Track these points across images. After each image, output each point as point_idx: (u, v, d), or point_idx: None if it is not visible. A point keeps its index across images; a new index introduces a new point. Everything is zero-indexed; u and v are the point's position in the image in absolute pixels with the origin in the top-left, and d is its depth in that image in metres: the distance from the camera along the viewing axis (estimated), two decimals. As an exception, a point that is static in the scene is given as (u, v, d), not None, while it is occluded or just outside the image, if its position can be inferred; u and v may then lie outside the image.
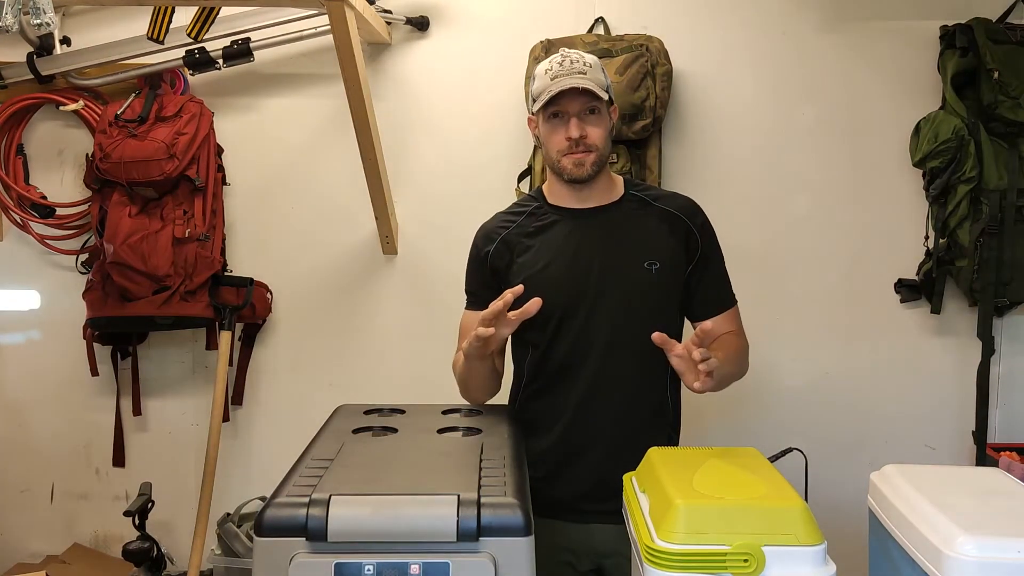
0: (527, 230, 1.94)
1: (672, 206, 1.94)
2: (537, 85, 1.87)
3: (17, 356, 3.07)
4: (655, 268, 1.87)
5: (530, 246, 1.92)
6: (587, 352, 1.87)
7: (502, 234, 1.96)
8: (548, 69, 1.85)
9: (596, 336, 1.87)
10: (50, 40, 2.83)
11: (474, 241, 2.02)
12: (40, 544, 3.05)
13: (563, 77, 1.82)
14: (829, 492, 2.31)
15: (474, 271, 2.02)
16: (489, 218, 2.04)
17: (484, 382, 1.93)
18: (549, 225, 1.93)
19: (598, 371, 1.87)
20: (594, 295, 1.86)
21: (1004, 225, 2.61)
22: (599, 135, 1.86)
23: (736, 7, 2.81)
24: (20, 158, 2.96)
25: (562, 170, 1.88)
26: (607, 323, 1.86)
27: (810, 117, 2.81)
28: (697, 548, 1.16)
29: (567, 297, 1.86)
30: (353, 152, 2.68)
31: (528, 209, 1.98)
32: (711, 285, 1.95)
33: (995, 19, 2.69)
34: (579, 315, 1.87)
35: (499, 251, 1.94)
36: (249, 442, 3.02)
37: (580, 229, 1.91)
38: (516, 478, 1.31)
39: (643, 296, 1.87)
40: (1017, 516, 1.24)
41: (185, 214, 2.79)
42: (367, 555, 1.15)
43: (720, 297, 1.96)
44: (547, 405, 1.92)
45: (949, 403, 2.81)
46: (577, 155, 1.85)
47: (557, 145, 1.86)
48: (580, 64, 1.84)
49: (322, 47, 2.83)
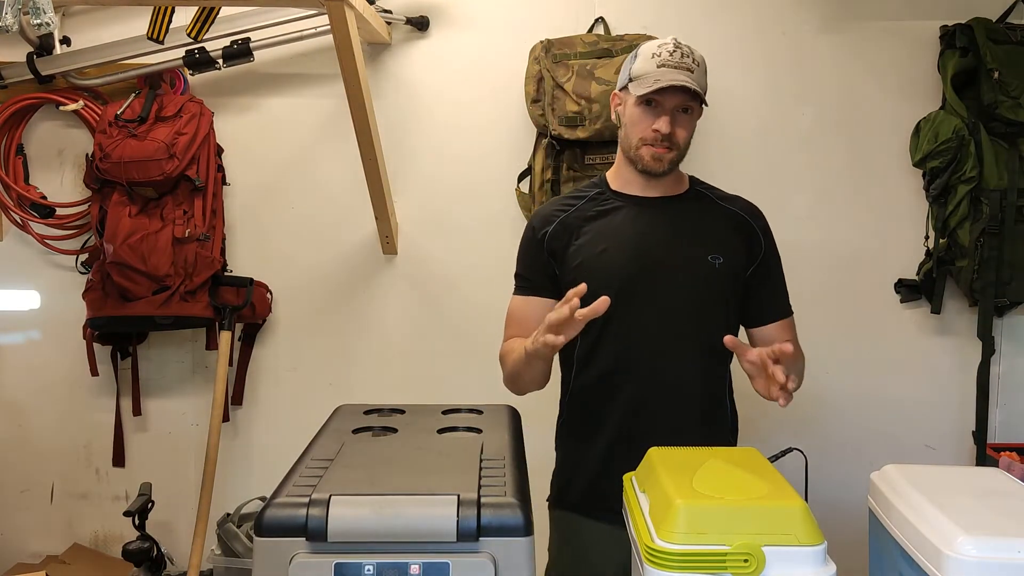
0: (587, 214, 1.88)
1: (736, 207, 1.91)
2: (640, 66, 1.78)
3: (17, 356, 3.07)
4: (718, 262, 1.81)
5: (589, 230, 1.86)
6: (639, 344, 1.81)
7: (560, 216, 1.89)
8: (657, 54, 1.77)
9: (651, 326, 1.80)
10: (50, 40, 2.83)
11: (529, 223, 1.95)
12: (40, 544, 3.05)
13: (671, 69, 1.74)
14: (829, 492, 2.31)
15: (528, 253, 1.93)
16: (544, 204, 1.98)
17: (538, 376, 1.84)
18: (611, 211, 1.87)
19: (651, 366, 1.81)
20: (652, 282, 1.80)
21: (1004, 225, 2.61)
22: (685, 136, 1.81)
23: (736, 7, 2.81)
24: (20, 158, 2.96)
25: (638, 159, 1.82)
26: (665, 312, 1.80)
27: (810, 117, 2.81)
28: (697, 548, 1.16)
29: (623, 281, 1.79)
30: (353, 152, 2.68)
31: (589, 194, 1.91)
32: (771, 291, 1.90)
33: (995, 19, 2.69)
34: (635, 302, 1.79)
35: (556, 233, 1.87)
36: (249, 442, 3.02)
37: (643, 216, 1.85)
38: (516, 478, 1.30)
39: (705, 288, 1.81)
40: (1017, 516, 1.24)
41: (185, 214, 2.79)
42: (367, 555, 1.15)
43: (779, 305, 1.92)
44: (598, 402, 1.85)
45: (949, 403, 2.81)
46: (659, 150, 1.79)
47: (641, 133, 1.80)
48: (690, 60, 1.77)
49: (322, 47, 2.83)
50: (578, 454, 1.91)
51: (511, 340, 1.89)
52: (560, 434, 1.97)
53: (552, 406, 2.89)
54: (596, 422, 1.86)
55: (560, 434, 1.97)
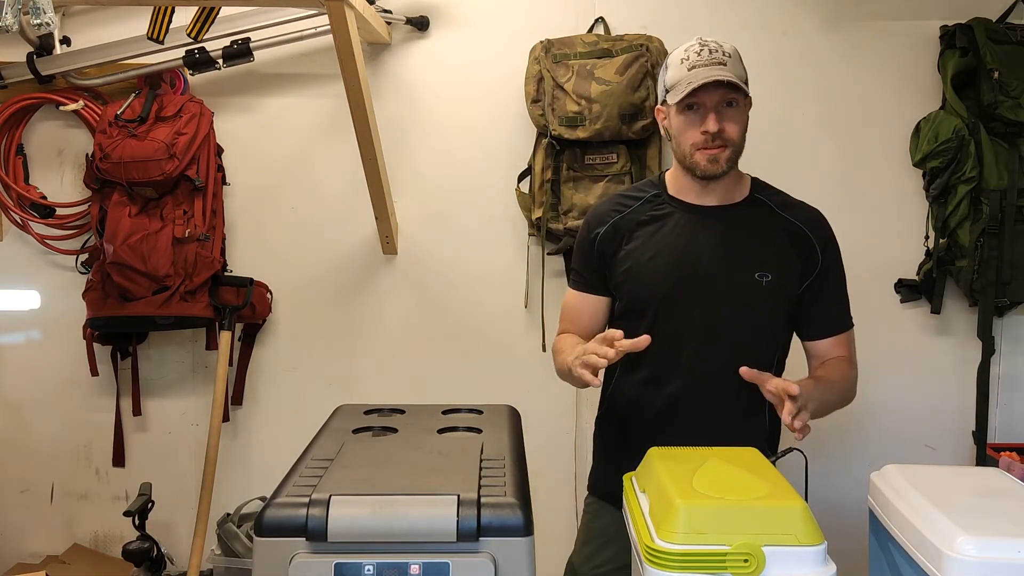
0: (640, 217, 1.86)
1: (798, 218, 1.86)
2: (672, 75, 1.77)
3: (17, 356, 3.07)
4: (766, 280, 1.78)
5: (640, 234, 1.85)
6: (681, 352, 1.80)
7: (614, 218, 1.88)
8: (684, 58, 1.75)
9: (691, 336, 1.79)
10: (50, 40, 2.83)
11: (586, 220, 1.93)
12: (40, 544, 3.05)
13: (702, 67, 1.72)
14: (829, 492, 2.31)
15: (582, 251, 1.93)
16: (604, 199, 1.98)
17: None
18: (664, 216, 1.85)
19: (691, 373, 1.80)
20: (694, 297, 1.79)
21: (1004, 225, 2.61)
22: (736, 130, 1.78)
23: (736, 7, 2.81)
24: (20, 158, 2.96)
25: (695, 166, 1.78)
26: (704, 325, 1.79)
27: (810, 117, 2.81)
28: (697, 548, 1.16)
29: (665, 292, 1.79)
30: (353, 152, 2.68)
31: (646, 195, 1.89)
32: (826, 305, 1.87)
33: (995, 19, 2.69)
34: (676, 314, 1.79)
35: (608, 235, 1.87)
36: (249, 442, 3.02)
37: (695, 225, 1.83)
38: (516, 478, 1.30)
39: (748, 306, 1.79)
40: (1017, 516, 1.24)
41: (185, 214, 2.79)
42: (367, 555, 1.15)
43: (834, 319, 1.88)
44: (637, 403, 1.86)
45: (949, 403, 2.81)
46: (712, 151, 1.76)
47: (691, 139, 1.77)
48: (719, 54, 1.75)
49: (322, 47, 2.83)
50: (615, 448, 1.94)
51: (563, 337, 1.91)
52: (599, 427, 2.01)
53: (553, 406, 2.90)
54: (635, 421, 1.88)
55: (599, 427, 2.01)
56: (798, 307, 1.85)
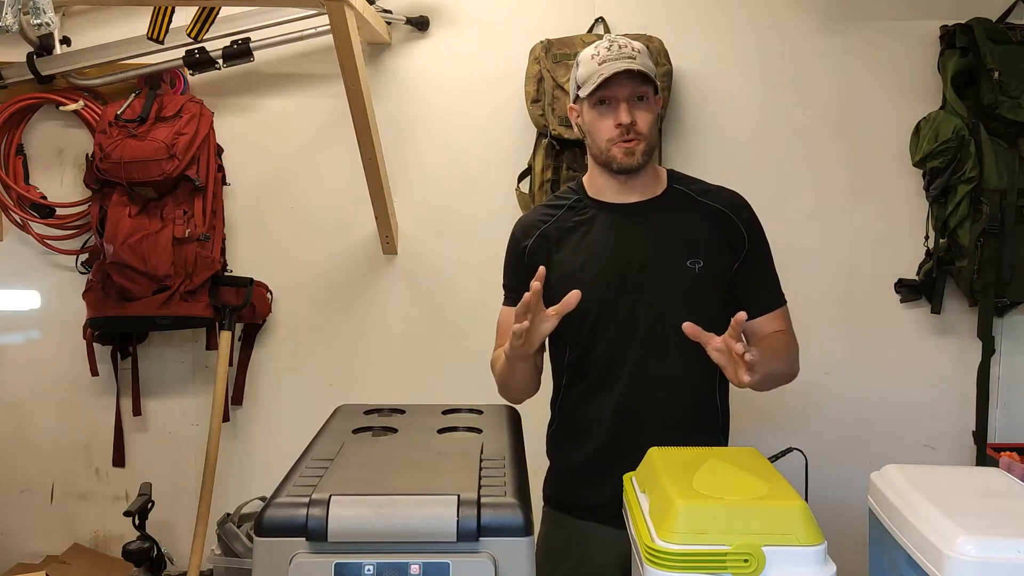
0: (566, 225, 1.87)
1: (718, 202, 1.87)
2: (583, 71, 1.79)
3: (17, 356, 3.07)
4: (698, 267, 1.80)
5: (568, 242, 1.86)
6: (626, 352, 1.81)
7: (541, 228, 1.88)
8: (595, 54, 1.78)
9: (635, 336, 1.80)
10: (50, 40, 2.83)
11: (512, 234, 1.94)
12: (40, 544, 3.05)
13: (612, 61, 1.75)
14: (829, 492, 2.31)
15: (512, 265, 1.93)
16: (528, 211, 1.98)
17: (525, 382, 1.87)
18: (588, 220, 1.87)
19: (638, 372, 1.81)
20: (632, 294, 1.80)
21: (1004, 225, 2.61)
22: (648, 123, 1.79)
23: (736, 7, 2.81)
24: (20, 158, 2.97)
25: (612, 160, 1.80)
26: (646, 322, 1.80)
27: (810, 117, 2.81)
28: (697, 548, 1.16)
29: (604, 295, 1.80)
30: (353, 152, 2.68)
31: (568, 202, 1.91)
32: (758, 284, 1.88)
33: (995, 19, 2.69)
34: (617, 314, 1.80)
35: (537, 246, 1.87)
36: (249, 442, 3.02)
37: (620, 225, 1.84)
38: (516, 478, 1.30)
39: (685, 295, 1.80)
40: (1017, 516, 1.24)
41: (185, 214, 2.80)
42: (367, 555, 1.15)
43: (767, 296, 1.88)
44: (588, 408, 1.86)
45: (949, 403, 2.81)
46: (628, 143, 1.78)
47: (606, 133, 1.79)
48: (628, 49, 1.78)
49: (322, 47, 2.83)
50: (569, 457, 1.91)
51: (499, 351, 1.89)
52: (552, 439, 1.98)
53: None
54: (586, 427, 1.87)
55: (552, 439, 1.98)
56: (733, 290, 1.85)
